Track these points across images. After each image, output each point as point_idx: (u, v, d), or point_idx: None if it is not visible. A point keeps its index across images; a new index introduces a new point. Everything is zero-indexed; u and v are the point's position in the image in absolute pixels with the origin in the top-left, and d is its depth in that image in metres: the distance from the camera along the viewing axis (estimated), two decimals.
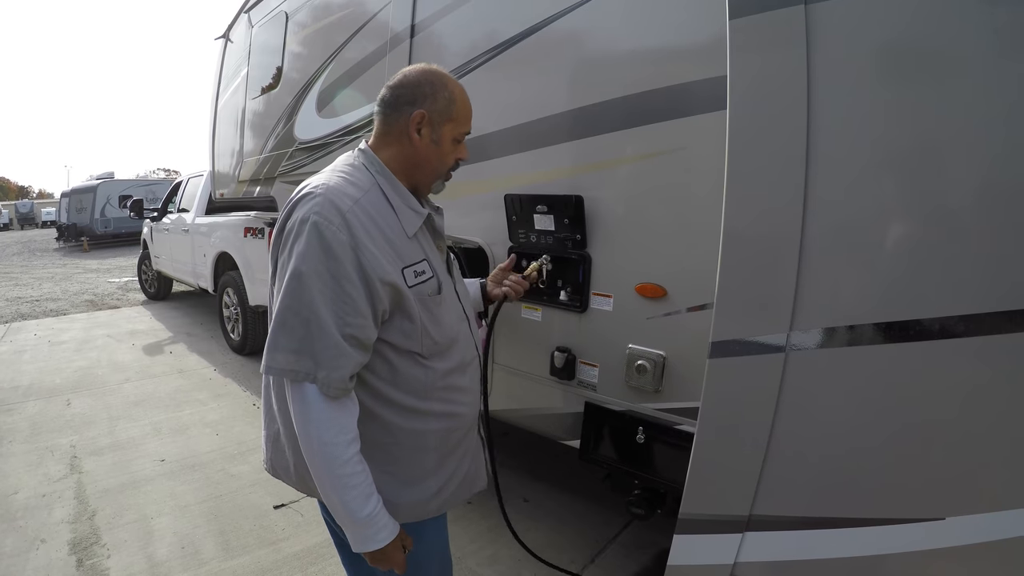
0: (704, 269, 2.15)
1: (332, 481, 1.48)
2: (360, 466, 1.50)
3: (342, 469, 1.47)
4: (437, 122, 1.64)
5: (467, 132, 1.72)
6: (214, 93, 6.93)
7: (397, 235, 1.57)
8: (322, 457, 1.46)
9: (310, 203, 1.48)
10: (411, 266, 1.56)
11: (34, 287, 13.62)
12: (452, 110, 1.65)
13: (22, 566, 3.26)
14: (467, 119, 1.71)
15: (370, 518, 1.51)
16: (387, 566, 1.61)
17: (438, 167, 1.69)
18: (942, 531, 1.46)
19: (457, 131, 1.68)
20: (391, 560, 1.60)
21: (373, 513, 1.51)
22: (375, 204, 1.55)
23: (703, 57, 2.15)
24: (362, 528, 1.52)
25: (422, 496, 1.70)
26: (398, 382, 1.61)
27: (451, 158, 1.71)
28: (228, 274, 7.57)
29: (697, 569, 1.81)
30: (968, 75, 1.35)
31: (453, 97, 1.66)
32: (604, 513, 3.77)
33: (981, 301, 1.35)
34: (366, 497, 1.50)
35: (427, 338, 1.61)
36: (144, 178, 32.22)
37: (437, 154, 1.66)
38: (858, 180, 1.49)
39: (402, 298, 1.53)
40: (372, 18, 3.88)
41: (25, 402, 5.79)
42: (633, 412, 2.57)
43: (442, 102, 1.64)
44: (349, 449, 1.47)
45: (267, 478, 3.80)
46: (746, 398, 1.66)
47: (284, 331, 1.45)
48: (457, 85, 1.69)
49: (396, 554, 1.60)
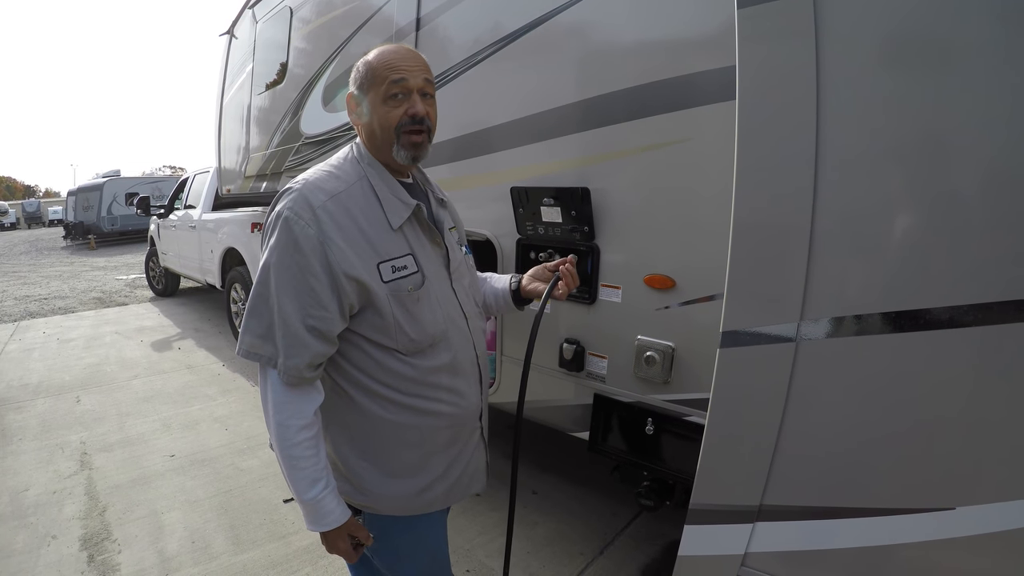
0: (713, 260, 2.15)
1: (284, 460, 1.55)
2: (310, 451, 1.55)
3: (292, 451, 1.53)
4: (361, 96, 1.64)
5: (397, 84, 1.59)
6: (219, 89, 6.93)
7: (378, 228, 1.57)
8: (277, 437, 1.54)
9: (286, 198, 1.53)
10: (389, 261, 1.56)
11: (42, 285, 13.69)
12: (370, 76, 1.61)
13: (34, 562, 3.29)
14: (386, 75, 1.59)
15: (315, 502, 1.57)
16: (332, 551, 1.70)
17: (382, 136, 1.62)
18: (952, 521, 1.45)
19: (381, 92, 1.59)
20: (334, 547, 1.68)
21: (317, 498, 1.56)
22: (356, 197, 1.57)
23: (710, 47, 2.14)
24: (308, 509, 1.59)
25: (405, 491, 1.71)
26: (379, 375, 1.62)
27: (389, 120, 1.60)
28: (235, 270, 7.60)
29: (708, 559, 1.81)
30: (976, 64, 1.34)
31: (368, 63, 1.62)
32: (613, 505, 3.78)
33: (991, 290, 1.34)
34: (312, 482, 1.56)
35: (402, 335, 1.59)
36: (150, 175, 32.32)
37: (375, 124, 1.62)
38: (868, 170, 1.48)
39: (370, 293, 1.53)
40: (377, 12, 3.88)
41: (35, 399, 5.83)
42: (642, 403, 2.57)
43: (361, 74, 1.64)
44: (300, 434, 1.53)
45: (276, 472, 3.81)
46: (756, 388, 1.66)
47: (253, 317, 1.54)
48: (376, 50, 1.65)
49: (339, 542, 1.66)
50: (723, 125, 2.06)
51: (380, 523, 1.73)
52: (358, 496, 1.69)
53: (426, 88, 1.64)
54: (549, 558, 3.25)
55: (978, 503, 1.43)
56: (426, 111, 1.62)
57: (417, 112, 1.59)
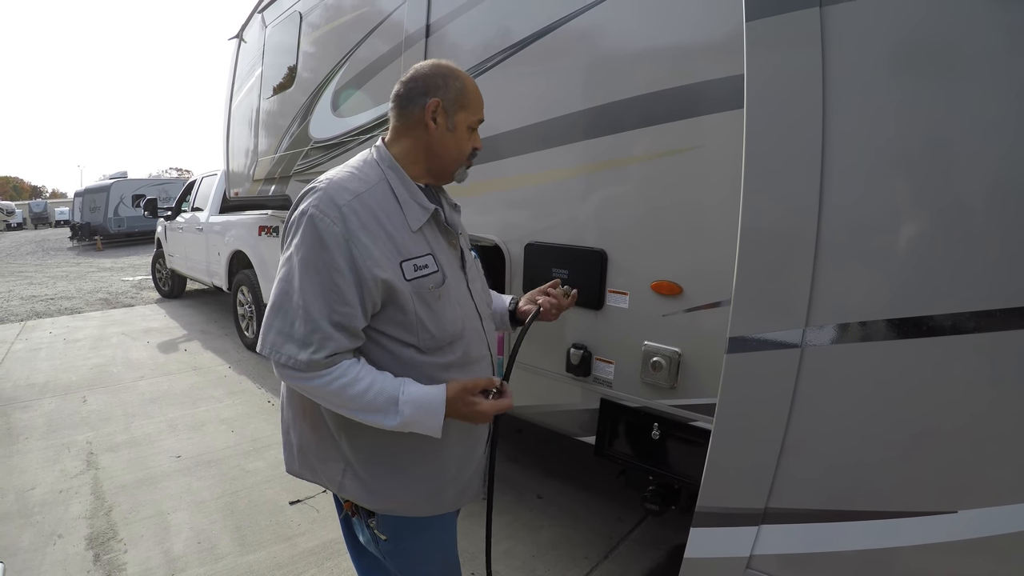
0: (720, 267, 2.17)
1: (357, 414, 1.56)
2: (365, 388, 1.53)
3: (353, 405, 1.54)
4: (451, 110, 1.68)
5: (480, 120, 1.77)
6: (228, 93, 6.97)
7: (400, 229, 1.60)
8: (335, 408, 1.58)
9: (311, 197, 1.55)
10: (411, 259, 1.59)
11: (48, 286, 13.72)
12: (465, 98, 1.70)
13: (39, 561, 3.30)
14: (479, 107, 1.75)
15: (410, 406, 1.54)
16: (481, 420, 1.65)
17: (457, 154, 1.73)
18: (954, 524, 1.47)
19: (470, 119, 1.73)
20: (476, 414, 1.62)
21: (405, 403, 1.54)
22: (379, 198, 1.60)
23: (719, 56, 2.17)
24: (414, 416, 1.55)
25: (419, 492, 1.72)
26: (398, 372, 1.61)
27: (468, 145, 1.75)
28: (242, 272, 7.64)
29: (714, 562, 1.82)
30: (981, 75, 1.36)
31: (464, 86, 1.71)
32: (618, 510, 3.79)
33: (994, 298, 1.36)
34: (391, 402, 1.54)
35: (424, 332, 1.61)
36: (157, 177, 32.39)
37: (454, 140, 1.71)
38: (873, 178, 1.50)
39: (395, 291, 1.55)
40: (386, 18, 3.91)
41: (41, 399, 5.85)
42: (648, 408, 2.59)
43: (454, 91, 1.68)
44: (349, 391, 1.52)
45: (282, 474, 3.83)
46: (762, 392, 1.68)
47: (279, 314, 1.54)
48: (468, 76, 1.75)
49: (468, 408, 1.61)
50: (731, 133, 2.09)
51: (394, 524, 1.75)
52: (372, 498, 1.70)
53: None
54: (554, 562, 3.26)
55: (980, 507, 1.44)
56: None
57: (480, 147, 1.81)
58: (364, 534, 1.83)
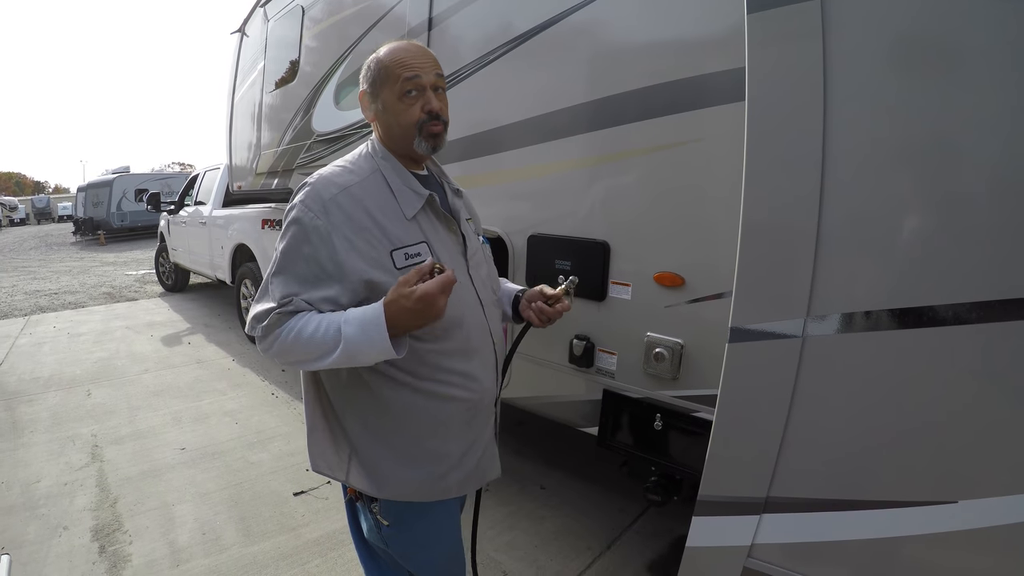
0: (722, 258, 2.18)
1: (318, 354, 1.52)
2: (316, 319, 1.51)
3: (314, 343, 1.50)
4: (375, 93, 1.70)
5: (408, 78, 1.64)
6: (230, 87, 6.98)
7: (393, 219, 1.61)
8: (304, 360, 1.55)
9: (300, 193, 1.61)
10: (402, 248, 1.60)
11: (52, 280, 13.73)
12: (382, 73, 1.67)
13: (45, 552, 3.32)
14: (400, 70, 1.64)
15: (355, 332, 1.48)
16: (434, 313, 1.47)
17: (400, 128, 1.67)
18: (955, 515, 1.48)
19: (396, 89, 1.65)
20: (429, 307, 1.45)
21: (349, 330, 1.48)
22: (370, 190, 1.62)
23: (720, 49, 2.17)
24: (361, 342, 1.48)
25: (420, 477, 1.72)
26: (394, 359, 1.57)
27: (409, 115, 1.65)
28: (246, 265, 7.66)
29: (716, 551, 1.83)
30: (982, 68, 1.37)
31: (380, 61, 1.68)
32: (620, 501, 3.81)
33: (994, 288, 1.37)
34: (334, 340, 1.49)
35: None
36: (159, 172, 32.38)
37: (391, 118, 1.68)
38: (874, 170, 1.51)
39: (379, 284, 1.56)
40: (388, 12, 3.91)
41: (46, 392, 5.87)
42: (651, 399, 2.60)
43: (373, 72, 1.69)
44: (307, 329, 1.50)
45: (287, 466, 3.84)
46: (764, 382, 1.69)
47: (260, 301, 1.60)
48: (388, 48, 1.70)
49: (411, 304, 1.45)
50: (732, 126, 2.09)
51: (396, 510, 1.75)
52: (375, 486, 1.71)
53: (438, 83, 1.70)
54: (556, 552, 3.28)
55: (980, 497, 1.45)
56: (440, 106, 1.68)
57: (433, 108, 1.66)
58: (367, 520, 1.84)
